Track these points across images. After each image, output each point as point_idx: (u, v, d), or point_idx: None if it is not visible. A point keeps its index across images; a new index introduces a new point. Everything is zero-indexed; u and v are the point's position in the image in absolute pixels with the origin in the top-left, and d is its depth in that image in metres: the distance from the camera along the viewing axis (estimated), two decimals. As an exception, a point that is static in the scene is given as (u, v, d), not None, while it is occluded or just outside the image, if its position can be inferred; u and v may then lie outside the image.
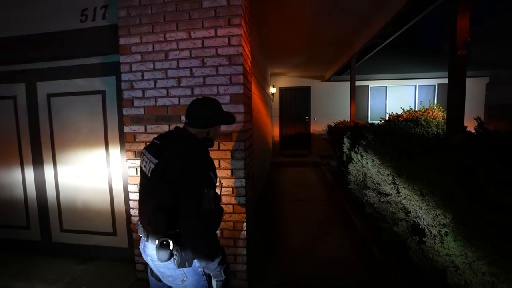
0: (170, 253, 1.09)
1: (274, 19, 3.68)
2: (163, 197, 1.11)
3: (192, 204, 1.05)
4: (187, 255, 1.11)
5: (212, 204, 1.06)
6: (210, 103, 1.30)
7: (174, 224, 1.11)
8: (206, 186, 1.07)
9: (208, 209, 1.05)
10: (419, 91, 8.17)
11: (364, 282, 2.26)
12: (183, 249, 1.10)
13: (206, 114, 1.26)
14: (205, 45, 2.01)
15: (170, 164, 1.10)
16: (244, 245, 2.13)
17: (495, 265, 1.07)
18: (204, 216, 1.05)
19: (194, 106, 1.28)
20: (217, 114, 1.31)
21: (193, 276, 1.19)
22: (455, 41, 2.08)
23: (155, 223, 1.13)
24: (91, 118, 2.54)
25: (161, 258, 1.09)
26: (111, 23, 2.34)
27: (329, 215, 3.80)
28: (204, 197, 1.05)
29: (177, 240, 1.10)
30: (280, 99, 8.83)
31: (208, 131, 1.28)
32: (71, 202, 2.68)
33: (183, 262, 1.11)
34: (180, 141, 1.18)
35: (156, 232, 1.14)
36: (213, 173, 1.14)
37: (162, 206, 1.11)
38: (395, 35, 4.07)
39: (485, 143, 1.68)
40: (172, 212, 1.10)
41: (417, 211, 1.96)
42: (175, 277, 1.18)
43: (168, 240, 1.09)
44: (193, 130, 1.26)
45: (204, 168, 1.12)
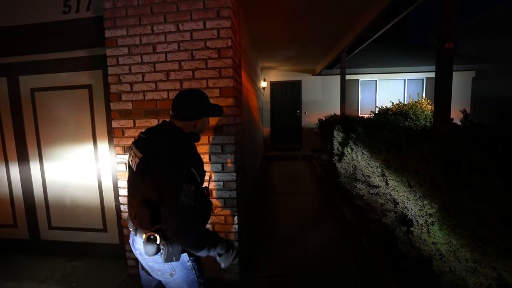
0: (157, 247, 1.08)
1: (263, 12, 3.64)
2: (148, 192, 1.11)
3: (171, 199, 1.03)
4: (174, 249, 1.11)
5: (191, 200, 1.03)
6: (196, 94, 1.27)
7: (159, 219, 1.11)
8: (185, 181, 1.04)
9: (186, 204, 1.03)
10: (408, 84, 8.29)
11: (354, 271, 2.31)
12: (169, 243, 1.10)
13: (192, 106, 1.23)
14: (194, 38, 1.98)
15: (154, 158, 1.09)
16: (235, 238, 2.14)
17: (477, 251, 1.11)
18: (182, 210, 1.03)
19: (180, 98, 1.24)
20: (203, 106, 1.27)
21: (181, 270, 1.20)
22: (442, 35, 2.11)
23: (141, 217, 1.13)
24: (78, 113, 2.48)
25: (148, 252, 1.09)
26: (96, 15, 2.27)
27: (320, 207, 3.86)
28: (181, 192, 1.02)
29: (164, 235, 1.09)
30: (271, 93, 8.81)
31: (195, 123, 1.25)
32: (60, 199, 2.62)
33: (170, 256, 1.11)
34: (164, 135, 1.16)
35: (142, 226, 1.14)
36: (196, 168, 1.11)
37: (147, 200, 1.11)
38: (385, 28, 4.09)
39: (470, 135, 1.72)
40: (157, 207, 1.10)
41: (405, 202, 2.01)
42: (163, 271, 1.19)
43: (155, 234, 1.08)
44: (180, 123, 1.23)
45: (184, 163, 1.09)
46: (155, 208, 1.10)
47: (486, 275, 1.10)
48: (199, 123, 1.27)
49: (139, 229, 1.18)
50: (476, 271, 1.15)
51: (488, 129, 1.75)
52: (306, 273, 2.31)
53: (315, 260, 2.49)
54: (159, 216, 1.10)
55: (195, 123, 1.25)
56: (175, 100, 1.24)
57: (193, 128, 1.25)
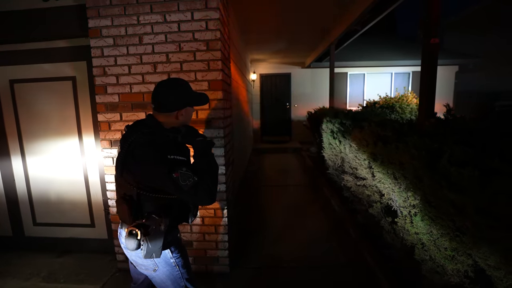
0: (138, 243, 1.07)
1: (252, 3, 3.59)
2: (127, 187, 1.11)
3: (178, 193, 1.05)
4: (154, 246, 1.10)
5: (192, 177, 1.04)
6: (175, 84, 1.20)
7: (139, 214, 1.11)
8: (171, 171, 1.02)
9: (190, 184, 1.03)
10: (395, 78, 8.44)
11: (341, 260, 2.39)
12: (150, 240, 1.09)
13: (171, 97, 1.16)
14: (182, 29, 1.93)
15: (131, 155, 1.08)
16: (225, 231, 2.16)
17: (455, 240, 1.17)
18: (191, 191, 1.04)
19: (158, 89, 1.18)
20: (184, 95, 1.19)
21: (164, 266, 1.20)
22: (428, 30, 2.15)
23: (121, 212, 1.14)
24: (61, 106, 2.40)
25: (129, 247, 1.08)
26: (78, 3, 2.17)
27: (309, 199, 3.93)
28: (176, 181, 1.02)
29: (145, 231, 1.08)
30: (261, 85, 8.77)
31: (177, 115, 1.18)
32: (44, 195, 2.56)
33: (150, 253, 1.10)
34: (144, 131, 1.12)
35: (123, 220, 1.16)
36: (174, 154, 1.07)
37: (126, 196, 1.11)
38: (373, 22, 4.12)
39: (452, 129, 1.78)
40: (137, 202, 1.10)
41: (390, 193, 2.08)
42: (147, 266, 1.20)
43: (136, 229, 1.07)
44: (161, 115, 1.18)
45: (161, 156, 1.05)
46: (134, 204, 1.10)
47: (463, 262, 1.17)
48: (182, 114, 1.20)
49: (123, 223, 1.19)
50: (454, 258, 1.22)
51: (468, 123, 1.82)
52: (295, 263, 2.36)
53: (304, 250, 2.55)
54: (139, 212, 1.10)
55: (176, 114, 1.18)
56: (153, 92, 1.19)
57: (176, 119, 1.19)
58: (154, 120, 1.19)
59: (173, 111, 1.17)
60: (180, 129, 1.20)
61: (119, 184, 1.16)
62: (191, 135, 1.20)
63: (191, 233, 2.19)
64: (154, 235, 1.10)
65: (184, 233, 2.18)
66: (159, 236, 1.11)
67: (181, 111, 1.19)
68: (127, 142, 1.09)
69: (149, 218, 1.09)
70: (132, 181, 1.10)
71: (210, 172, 1.14)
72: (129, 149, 1.09)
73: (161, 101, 1.17)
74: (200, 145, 1.18)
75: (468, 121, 1.88)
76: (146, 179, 1.09)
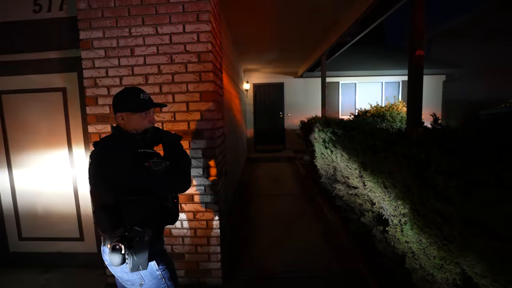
0: (123, 257, 1.08)
1: (244, 16, 3.66)
2: (102, 196, 1.12)
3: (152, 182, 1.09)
4: (140, 258, 1.10)
5: (163, 162, 1.11)
6: (123, 90, 1.27)
7: (119, 222, 1.11)
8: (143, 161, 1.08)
9: (163, 169, 1.09)
10: (386, 87, 8.62)
11: (334, 270, 2.38)
12: (135, 252, 1.09)
13: (115, 100, 1.25)
14: (173, 41, 1.96)
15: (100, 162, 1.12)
16: (217, 243, 2.14)
17: (443, 249, 1.18)
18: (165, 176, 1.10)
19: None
20: (124, 100, 1.23)
21: (151, 280, 1.19)
22: (413, 42, 2.23)
23: (100, 223, 1.13)
24: (51, 117, 2.37)
25: (113, 263, 1.08)
26: (69, 15, 2.19)
27: (302, 208, 3.92)
28: (149, 169, 1.07)
29: (129, 244, 1.08)
30: (254, 95, 8.85)
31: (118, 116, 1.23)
32: (31, 208, 2.49)
33: (136, 265, 1.10)
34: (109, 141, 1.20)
35: (104, 231, 1.14)
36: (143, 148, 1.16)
37: (104, 205, 1.11)
38: (363, 33, 4.24)
39: (438, 138, 1.82)
40: (115, 209, 1.10)
41: (381, 202, 2.09)
42: (133, 281, 1.18)
43: (120, 244, 1.07)
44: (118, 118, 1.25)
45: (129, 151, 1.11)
46: (112, 211, 1.10)
47: (451, 271, 1.18)
48: (123, 120, 1.22)
49: (105, 238, 1.17)
50: (442, 267, 1.23)
51: (454, 132, 1.86)
52: (289, 274, 2.34)
53: (297, 260, 2.53)
54: (120, 219, 1.10)
55: (117, 116, 1.23)
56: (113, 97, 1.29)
57: (122, 120, 1.23)
58: (115, 127, 1.27)
59: (120, 111, 1.23)
60: (148, 129, 1.27)
61: (95, 196, 1.18)
62: (158, 131, 1.30)
63: (183, 245, 2.16)
64: (139, 247, 1.10)
65: (176, 245, 2.15)
66: (144, 248, 1.11)
67: (121, 114, 1.22)
68: (94, 153, 1.17)
69: (132, 230, 1.09)
70: (105, 189, 1.12)
71: (182, 159, 1.23)
72: (97, 155, 1.14)
73: (114, 102, 1.26)
74: (169, 139, 1.28)
75: (454, 131, 1.93)
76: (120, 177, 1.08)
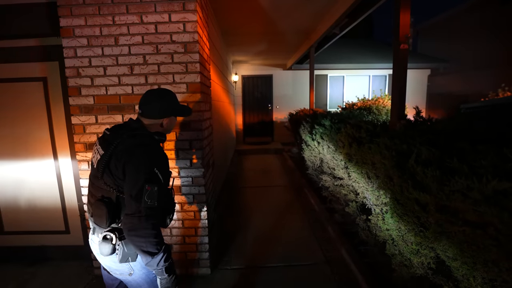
0: (113, 247, 1.09)
1: (232, 6, 3.61)
2: (106, 190, 1.10)
3: (133, 200, 1.02)
4: (130, 249, 1.11)
5: (155, 201, 1.03)
6: (164, 93, 1.28)
7: (117, 218, 1.11)
8: (148, 182, 1.03)
9: (149, 206, 1.02)
10: (373, 81, 8.75)
11: (320, 258, 2.46)
12: (126, 243, 1.10)
13: (159, 105, 1.23)
14: (159, 31, 1.92)
15: (115, 157, 1.08)
16: (205, 233, 2.16)
17: (420, 235, 1.25)
18: (144, 212, 1.01)
19: (147, 95, 1.25)
20: (171, 105, 1.28)
21: (140, 270, 1.20)
22: (397, 36, 2.27)
23: (98, 215, 1.11)
24: (32, 108, 2.29)
25: (103, 252, 1.08)
26: (49, 1, 2.10)
27: (290, 199, 4.00)
28: (144, 193, 1.01)
29: (120, 235, 1.10)
30: (243, 87, 8.80)
31: (162, 122, 1.25)
32: (13, 201, 2.43)
33: (125, 257, 1.11)
34: (129, 133, 1.14)
35: (99, 224, 1.13)
36: (159, 169, 1.09)
37: (104, 198, 1.10)
38: (351, 26, 4.26)
39: (420, 130, 1.89)
40: (116, 205, 1.10)
41: (364, 192, 2.17)
42: (122, 271, 1.19)
43: (111, 234, 1.09)
44: (147, 121, 1.23)
45: (148, 164, 1.07)
46: (113, 207, 1.09)
47: (426, 255, 1.25)
48: (166, 122, 1.26)
49: (96, 228, 1.16)
50: (418, 252, 1.30)
51: (435, 125, 1.94)
52: (276, 262, 2.40)
53: (284, 250, 2.60)
54: (117, 215, 1.10)
55: (162, 122, 1.24)
56: (142, 98, 1.24)
57: (160, 127, 1.25)
58: (141, 123, 1.22)
59: (159, 118, 1.23)
60: (164, 134, 1.25)
61: (96, 187, 1.14)
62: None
63: (171, 236, 2.17)
64: None
65: (164, 236, 2.15)
66: None
67: (166, 119, 1.25)
68: (112, 145, 1.10)
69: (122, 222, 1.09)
70: (112, 184, 1.10)
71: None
72: (115, 151, 1.09)
73: (148, 108, 1.22)
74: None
75: (434, 123, 2.00)
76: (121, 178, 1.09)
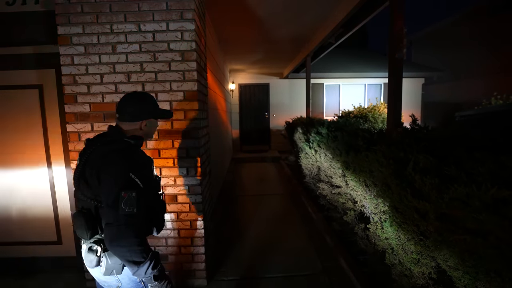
0: (98, 259, 1.06)
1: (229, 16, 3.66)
2: (85, 200, 1.08)
3: (110, 209, 0.99)
4: (114, 261, 1.07)
5: (133, 207, 0.99)
6: (140, 96, 1.26)
7: (100, 229, 1.09)
8: (124, 189, 1.00)
9: (127, 213, 0.98)
10: (368, 89, 8.86)
11: (318, 268, 2.42)
12: (109, 255, 1.07)
13: (135, 107, 1.20)
14: (157, 39, 1.93)
15: (89, 166, 1.07)
16: (202, 243, 2.12)
17: (420, 244, 1.24)
18: (122, 220, 0.98)
19: (123, 100, 1.22)
20: (147, 107, 1.24)
21: (128, 283, 1.15)
22: (393, 46, 2.31)
23: (78, 227, 1.08)
24: (26, 116, 2.26)
25: (88, 264, 1.06)
26: (47, 9, 2.10)
27: (287, 208, 3.96)
28: (121, 201, 0.98)
29: (105, 246, 1.07)
30: (240, 95, 8.84)
31: (140, 125, 1.22)
32: (3, 211, 2.37)
33: (110, 269, 1.07)
34: (103, 140, 1.13)
35: (81, 236, 1.10)
36: (136, 174, 1.05)
37: (84, 209, 1.08)
38: (346, 36, 4.34)
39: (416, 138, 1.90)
40: (95, 216, 1.07)
41: (362, 200, 2.15)
42: (109, 283, 1.15)
43: (96, 245, 1.06)
44: (125, 125, 1.20)
45: (122, 169, 1.04)
46: (92, 218, 1.07)
47: (427, 265, 1.24)
48: (144, 125, 1.23)
49: (82, 239, 1.14)
50: (419, 262, 1.28)
51: (431, 133, 1.95)
52: (273, 273, 2.35)
53: (282, 259, 2.55)
54: (99, 226, 1.08)
55: (140, 125, 1.22)
56: (119, 103, 1.22)
57: (140, 130, 1.22)
58: (116, 129, 1.20)
59: (135, 121, 1.20)
60: (140, 137, 1.22)
61: (77, 198, 1.13)
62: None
63: (167, 247, 2.12)
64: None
65: (159, 247, 2.11)
66: None
67: (144, 122, 1.22)
68: (86, 154, 1.09)
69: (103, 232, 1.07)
70: (89, 194, 1.08)
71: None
72: (89, 159, 1.08)
73: (125, 111, 1.19)
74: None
75: (431, 131, 2.01)
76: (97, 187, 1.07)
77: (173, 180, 2.04)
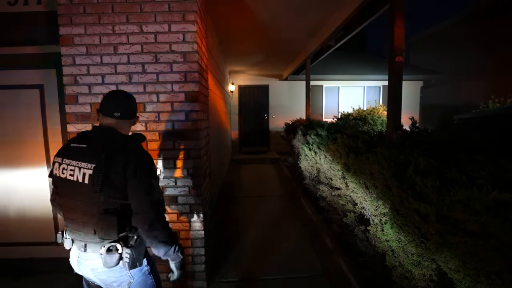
0: (119, 257, 1.07)
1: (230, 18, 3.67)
2: (108, 201, 1.06)
3: (145, 196, 1.09)
4: (138, 254, 1.13)
5: (160, 194, 1.15)
6: (126, 92, 1.29)
7: (124, 226, 1.11)
8: (154, 178, 1.14)
9: (159, 199, 1.13)
10: (367, 91, 8.90)
11: (318, 270, 2.42)
12: (135, 250, 1.11)
13: (132, 104, 1.28)
14: (158, 41, 1.93)
15: (115, 166, 1.06)
16: (201, 245, 2.11)
17: (420, 246, 1.24)
18: (156, 206, 1.11)
19: (118, 98, 1.24)
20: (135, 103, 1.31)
21: (139, 276, 1.18)
22: (393, 49, 2.32)
23: (106, 229, 1.06)
24: (27, 116, 2.26)
25: (109, 264, 1.06)
26: (49, 9, 2.10)
27: (287, 209, 3.96)
28: (153, 188, 1.11)
29: (125, 242, 1.11)
30: (240, 96, 8.85)
31: (134, 120, 1.29)
32: (2, 211, 2.35)
33: (135, 262, 1.12)
34: (116, 142, 1.13)
35: (106, 237, 1.07)
36: (155, 166, 1.20)
37: (111, 210, 1.07)
38: (346, 38, 4.36)
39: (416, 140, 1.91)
40: (123, 214, 1.08)
41: (362, 202, 2.16)
42: (121, 281, 1.15)
43: (115, 244, 1.08)
44: (120, 122, 1.20)
45: (149, 161, 1.17)
46: (121, 216, 1.08)
47: (428, 267, 1.24)
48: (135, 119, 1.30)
49: (94, 243, 1.10)
50: (420, 264, 1.29)
51: (431, 135, 1.96)
52: (273, 275, 2.35)
53: (282, 261, 2.55)
54: (125, 223, 1.10)
55: (134, 120, 1.29)
56: (113, 102, 1.21)
57: (132, 125, 1.30)
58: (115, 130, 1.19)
59: (134, 117, 1.28)
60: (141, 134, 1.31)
61: (91, 203, 1.06)
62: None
63: (166, 248, 2.11)
64: (139, 244, 1.15)
65: (159, 248, 2.10)
66: (143, 245, 1.18)
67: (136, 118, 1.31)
68: (102, 154, 1.05)
69: (131, 230, 1.13)
70: (115, 194, 1.07)
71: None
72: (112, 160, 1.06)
73: (126, 108, 1.23)
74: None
75: (431, 133, 2.03)
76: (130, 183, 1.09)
77: (174, 181, 2.04)
